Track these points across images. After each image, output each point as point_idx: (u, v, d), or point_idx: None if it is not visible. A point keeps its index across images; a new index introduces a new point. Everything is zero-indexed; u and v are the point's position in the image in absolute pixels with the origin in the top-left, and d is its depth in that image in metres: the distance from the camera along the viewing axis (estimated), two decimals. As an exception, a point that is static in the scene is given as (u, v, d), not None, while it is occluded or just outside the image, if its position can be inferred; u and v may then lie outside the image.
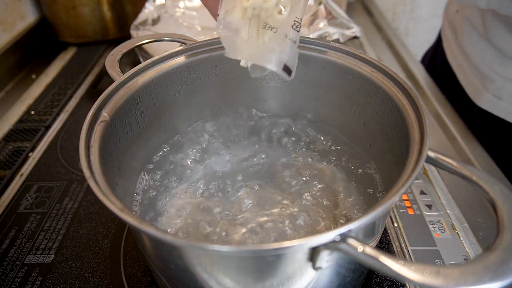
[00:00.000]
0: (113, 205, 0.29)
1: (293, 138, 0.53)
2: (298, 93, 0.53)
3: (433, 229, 0.50)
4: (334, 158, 0.51)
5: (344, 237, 0.27)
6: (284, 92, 0.54)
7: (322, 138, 0.53)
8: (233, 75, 0.52)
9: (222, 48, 0.39)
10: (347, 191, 0.46)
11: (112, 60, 0.48)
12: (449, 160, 0.33)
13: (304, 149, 0.52)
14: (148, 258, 0.39)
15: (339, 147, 0.52)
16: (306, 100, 0.53)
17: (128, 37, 0.79)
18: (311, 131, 0.54)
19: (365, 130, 0.48)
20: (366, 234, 0.32)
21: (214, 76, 0.51)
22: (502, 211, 0.27)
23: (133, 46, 0.51)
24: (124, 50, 0.50)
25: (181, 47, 0.48)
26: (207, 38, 0.49)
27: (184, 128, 0.53)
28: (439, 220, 0.51)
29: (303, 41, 0.49)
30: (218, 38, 0.49)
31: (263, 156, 0.52)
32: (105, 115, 0.39)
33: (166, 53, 0.47)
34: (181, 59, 0.48)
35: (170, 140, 0.52)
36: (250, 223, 0.43)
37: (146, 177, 0.48)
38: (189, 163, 0.51)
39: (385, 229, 0.51)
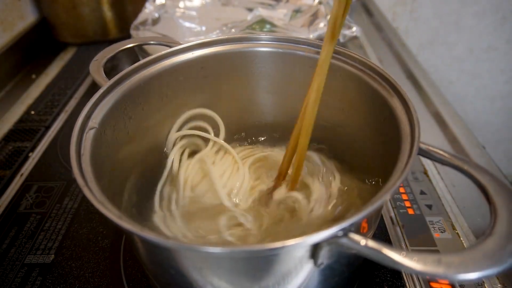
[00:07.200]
0: (110, 213, 0.29)
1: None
2: (288, 94, 0.53)
3: (433, 229, 0.50)
4: (330, 157, 0.51)
5: (346, 231, 0.27)
6: (274, 94, 0.54)
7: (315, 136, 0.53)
8: (220, 76, 0.51)
9: (208, 49, 0.39)
10: (341, 189, 0.46)
11: (96, 65, 0.47)
12: (440, 152, 0.33)
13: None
14: (146, 266, 0.39)
15: (332, 146, 0.52)
16: (296, 100, 0.53)
17: (128, 37, 0.79)
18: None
19: (355, 127, 0.48)
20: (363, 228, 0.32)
21: (202, 78, 0.50)
22: (495, 198, 0.29)
23: (117, 50, 0.50)
24: (109, 55, 0.49)
25: (167, 51, 0.47)
26: (194, 41, 0.49)
27: (173, 131, 0.52)
28: (439, 220, 0.51)
29: (295, 41, 0.48)
30: (203, 39, 0.49)
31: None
32: (93, 121, 0.38)
33: (151, 57, 0.46)
34: (167, 63, 0.47)
35: (158, 144, 0.51)
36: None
37: (138, 181, 0.47)
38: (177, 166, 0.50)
39: (385, 229, 0.51)
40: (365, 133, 0.46)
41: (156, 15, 0.85)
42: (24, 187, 0.59)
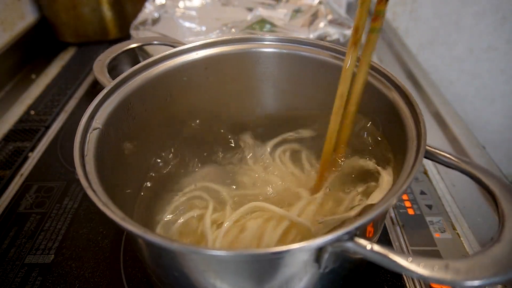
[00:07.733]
0: (114, 215, 0.29)
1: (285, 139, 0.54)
2: (293, 95, 0.53)
3: (433, 229, 0.50)
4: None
5: (351, 235, 0.27)
6: (278, 94, 0.54)
7: (312, 136, 0.53)
8: (224, 77, 0.51)
9: (212, 50, 0.39)
10: (340, 191, 0.46)
11: (100, 65, 0.47)
12: (447, 155, 0.33)
13: (298, 145, 0.52)
14: (149, 267, 0.38)
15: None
16: (300, 101, 0.53)
17: (128, 37, 0.79)
18: (303, 131, 0.54)
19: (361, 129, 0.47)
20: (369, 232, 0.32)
21: (206, 78, 0.50)
22: (503, 203, 0.28)
23: (121, 50, 0.50)
24: (112, 55, 0.49)
25: (171, 51, 0.47)
26: (198, 40, 0.49)
27: (175, 133, 0.52)
28: (439, 220, 0.51)
29: (299, 42, 0.48)
30: (207, 40, 0.49)
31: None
32: (97, 122, 0.38)
33: (155, 57, 0.46)
34: (170, 63, 0.47)
35: (162, 145, 0.51)
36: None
37: (142, 182, 0.47)
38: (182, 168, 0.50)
39: (385, 229, 0.51)
40: (371, 136, 0.46)
41: (156, 15, 0.85)
42: (24, 187, 0.59)
